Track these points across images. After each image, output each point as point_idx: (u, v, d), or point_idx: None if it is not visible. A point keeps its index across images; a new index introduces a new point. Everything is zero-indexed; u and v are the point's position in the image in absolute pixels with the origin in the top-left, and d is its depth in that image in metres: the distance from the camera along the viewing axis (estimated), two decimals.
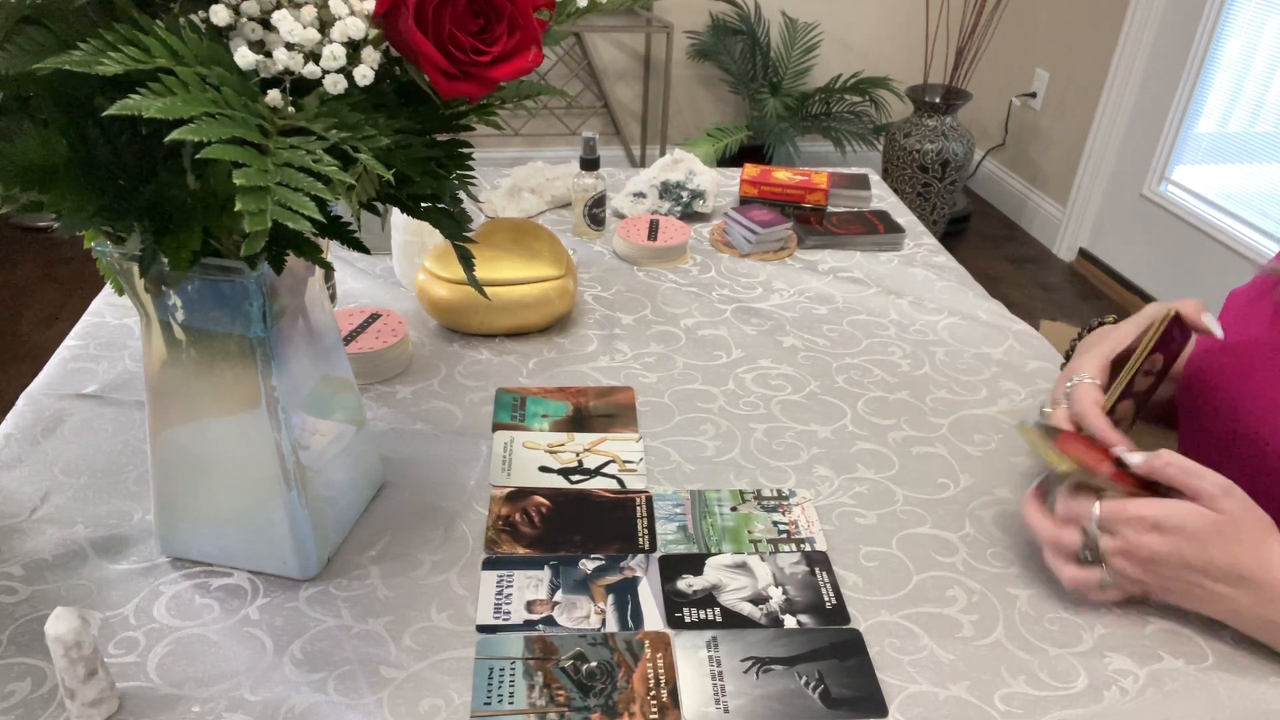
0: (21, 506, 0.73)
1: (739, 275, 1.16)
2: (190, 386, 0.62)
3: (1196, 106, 2.65)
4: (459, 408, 0.89)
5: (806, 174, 1.31)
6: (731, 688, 0.62)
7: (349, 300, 1.06)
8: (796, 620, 0.67)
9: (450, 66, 0.49)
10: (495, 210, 1.27)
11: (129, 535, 0.71)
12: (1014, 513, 0.78)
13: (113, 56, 0.44)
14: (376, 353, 0.90)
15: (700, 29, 3.33)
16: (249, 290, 0.57)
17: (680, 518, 0.76)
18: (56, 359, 0.92)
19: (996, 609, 0.69)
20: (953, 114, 2.99)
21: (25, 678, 0.60)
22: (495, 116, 0.61)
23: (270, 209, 0.43)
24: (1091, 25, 2.93)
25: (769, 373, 0.97)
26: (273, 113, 0.47)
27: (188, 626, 0.64)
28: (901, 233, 1.26)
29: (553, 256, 0.99)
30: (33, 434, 0.81)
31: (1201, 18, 2.55)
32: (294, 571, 0.68)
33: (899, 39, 3.48)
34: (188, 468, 0.65)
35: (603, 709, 0.60)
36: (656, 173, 1.31)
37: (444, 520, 0.75)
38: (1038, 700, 0.62)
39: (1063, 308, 2.81)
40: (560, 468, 0.81)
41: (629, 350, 0.99)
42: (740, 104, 3.49)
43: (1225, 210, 2.56)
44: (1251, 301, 0.77)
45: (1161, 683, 0.63)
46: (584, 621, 0.66)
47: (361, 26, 0.48)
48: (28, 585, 0.66)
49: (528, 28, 0.52)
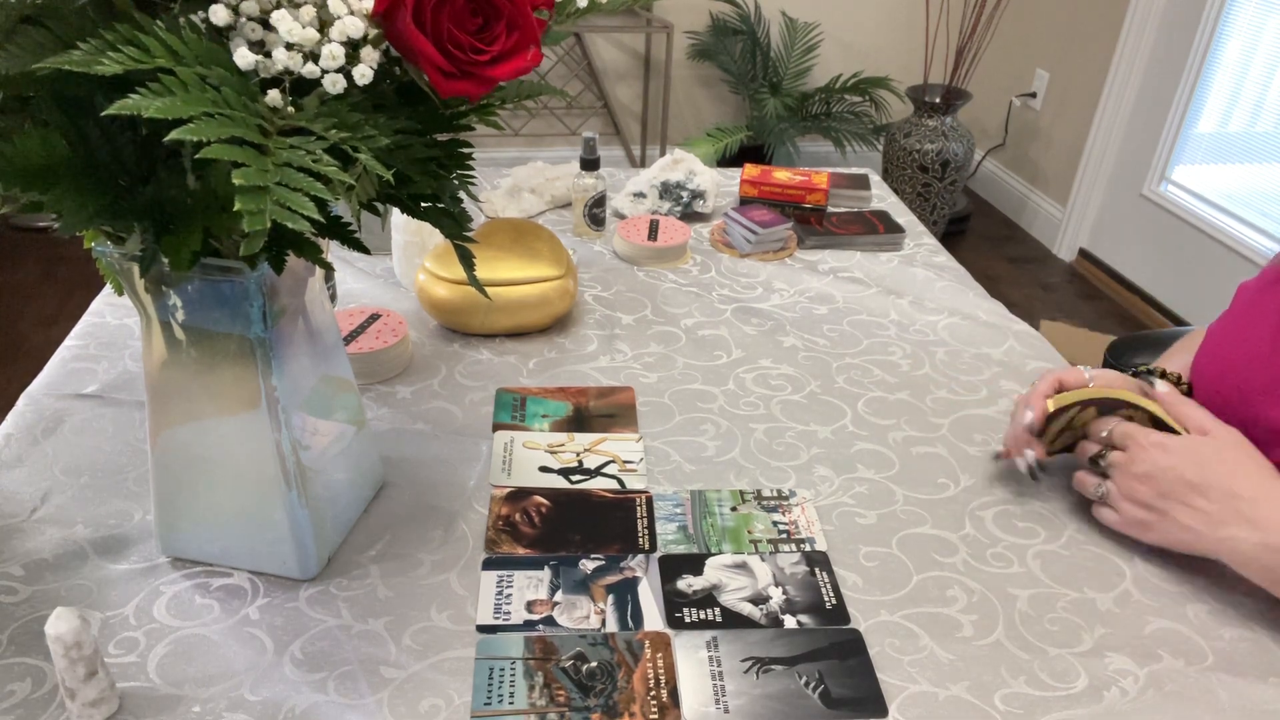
0: (21, 506, 0.73)
1: (739, 275, 1.16)
2: (190, 386, 0.62)
3: (1196, 106, 2.65)
4: (459, 408, 0.89)
5: (806, 174, 1.31)
6: (731, 688, 0.62)
7: (349, 300, 1.06)
8: (796, 620, 0.67)
9: (449, 66, 0.49)
10: (495, 210, 1.27)
11: (129, 535, 0.71)
12: (1014, 512, 0.78)
13: (112, 56, 0.44)
14: (376, 353, 0.90)
15: (700, 29, 3.33)
16: (249, 290, 0.57)
17: (680, 518, 0.76)
18: (56, 359, 0.92)
19: (996, 609, 0.69)
20: (953, 114, 2.99)
21: (25, 678, 0.60)
22: (495, 116, 0.61)
23: (270, 209, 0.43)
24: (1091, 25, 2.92)
25: (769, 373, 0.97)
26: (272, 113, 0.47)
27: (188, 626, 0.64)
28: (901, 233, 1.26)
29: (553, 256, 0.99)
30: (33, 434, 0.81)
31: (1201, 18, 2.55)
32: (294, 571, 0.68)
33: (899, 39, 3.48)
34: (188, 468, 0.65)
35: (603, 709, 0.60)
36: (656, 173, 1.31)
37: (444, 520, 0.75)
38: (1038, 700, 0.62)
39: (1063, 308, 2.81)
40: (560, 468, 0.81)
41: (629, 350, 0.99)
42: (740, 104, 3.49)
43: (1225, 210, 2.56)
44: (1261, 290, 0.77)
45: (1161, 683, 0.63)
46: (584, 621, 0.66)
47: (360, 26, 0.48)
48: (28, 585, 0.66)
49: (526, 27, 0.52)
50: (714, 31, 3.30)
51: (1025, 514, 0.78)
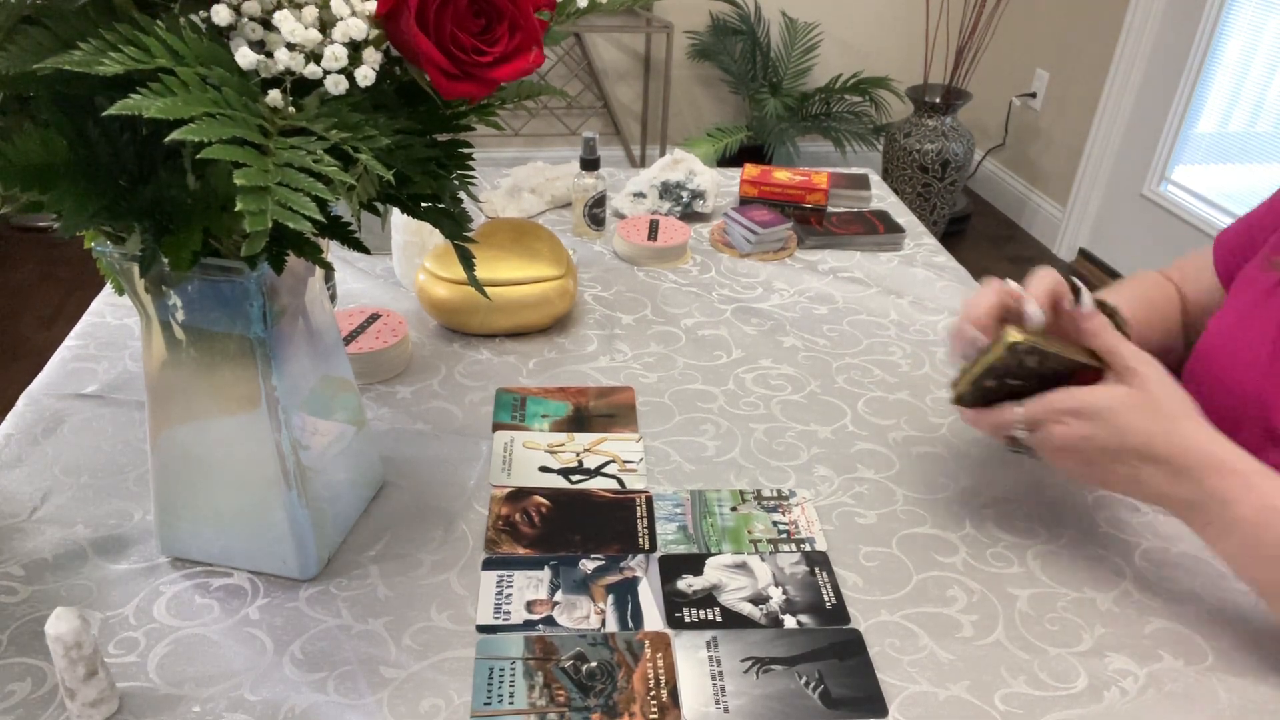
0: (21, 506, 0.73)
1: (739, 275, 1.16)
2: (190, 386, 0.62)
3: (1196, 106, 2.65)
4: (459, 408, 0.89)
5: (806, 174, 1.31)
6: (731, 688, 0.62)
7: (349, 300, 1.06)
8: (796, 620, 0.67)
9: (451, 67, 0.49)
10: (495, 210, 1.27)
11: (129, 535, 0.71)
12: (1014, 512, 0.78)
13: (113, 57, 0.44)
14: (376, 353, 0.90)
15: (700, 29, 3.33)
16: (249, 290, 0.57)
17: (680, 518, 0.76)
18: (56, 359, 0.92)
19: (996, 609, 0.69)
20: (953, 114, 2.99)
21: (25, 678, 0.60)
22: (495, 117, 0.61)
23: (271, 209, 0.43)
24: (1091, 25, 2.92)
25: (769, 373, 0.97)
26: (273, 113, 0.47)
27: (188, 626, 0.64)
28: (901, 233, 1.26)
29: (553, 256, 0.99)
30: (33, 434, 0.81)
31: (1201, 18, 2.55)
32: (294, 571, 0.68)
33: (899, 39, 3.48)
34: (188, 468, 0.65)
35: (603, 709, 0.60)
36: (656, 173, 1.31)
37: (444, 520, 0.75)
38: (1038, 700, 0.62)
39: None
40: (560, 468, 0.81)
41: (629, 350, 0.99)
42: (740, 104, 3.49)
43: (1225, 210, 2.56)
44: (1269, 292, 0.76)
45: (1161, 683, 0.63)
46: (584, 621, 0.66)
47: (363, 27, 0.48)
48: (28, 585, 0.66)
49: (529, 28, 0.52)
50: (714, 31, 3.30)
51: (1025, 514, 0.78)
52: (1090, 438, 0.64)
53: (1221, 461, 0.61)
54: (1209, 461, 0.62)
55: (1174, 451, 0.62)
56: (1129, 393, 0.63)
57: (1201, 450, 0.62)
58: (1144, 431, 0.62)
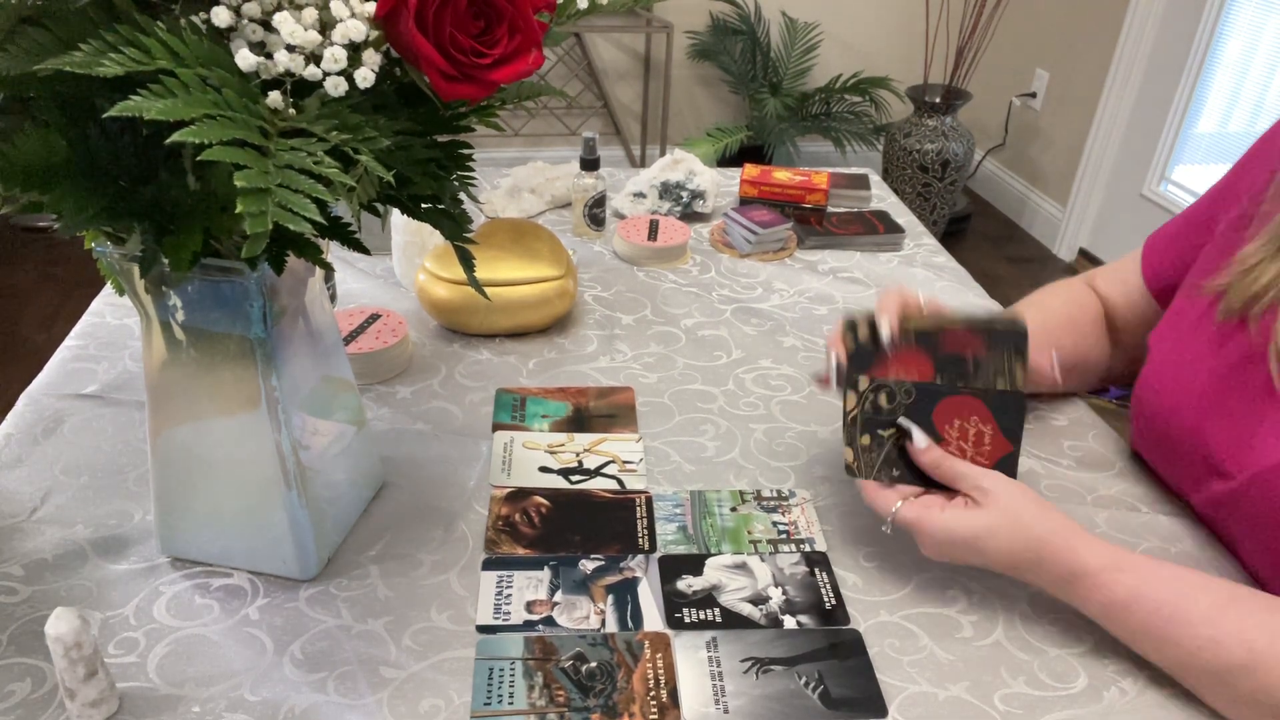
0: (21, 506, 0.73)
1: (739, 275, 1.16)
2: (190, 387, 0.62)
3: (1196, 106, 2.65)
4: (459, 408, 0.89)
5: (806, 174, 1.31)
6: (731, 688, 0.62)
7: (349, 300, 1.06)
8: (796, 621, 0.67)
9: (451, 69, 0.49)
10: (495, 210, 1.27)
11: (129, 535, 0.71)
12: None
13: (113, 58, 0.44)
14: (376, 353, 0.90)
15: (700, 29, 3.33)
16: (249, 291, 0.57)
17: (680, 518, 0.76)
18: (56, 359, 0.92)
19: (996, 609, 0.69)
20: (953, 114, 2.99)
21: (25, 678, 0.60)
22: (495, 117, 0.61)
23: (271, 210, 0.43)
24: (1091, 25, 2.92)
25: (769, 373, 0.97)
26: (273, 114, 0.47)
27: (188, 626, 0.64)
28: (901, 233, 1.26)
29: (553, 257, 0.99)
30: (33, 434, 0.81)
31: (1201, 18, 2.55)
32: (294, 571, 0.68)
33: (899, 39, 3.48)
34: (188, 468, 0.65)
35: (603, 709, 0.60)
36: (656, 173, 1.31)
37: (444, 520, 0.75)
38: (1038, 700, 0.62)
39: None
40: (560, 468, 0.81)
41: (629, 350, 0.99)
42: (740, 104, 3.49)
43: None
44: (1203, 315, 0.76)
45: (1161, 683, 0.63)
46: (584, 622, 0.66)
47: (362, 29, 0.48)
48: (28, 585, 0.67)
49: (528, 30, 0.52)
50: (714, 31, 3.30)
51: None
52: (956, 558, 0.67)
53: (1070, 571, 0.64)
54: (1065, 572, 0.64)
55: (1034, 563, 0.65)
56: (988, 519, 0.65)
57: (1057, 560, 0.64)
58: (1006, 552, 0.65)
